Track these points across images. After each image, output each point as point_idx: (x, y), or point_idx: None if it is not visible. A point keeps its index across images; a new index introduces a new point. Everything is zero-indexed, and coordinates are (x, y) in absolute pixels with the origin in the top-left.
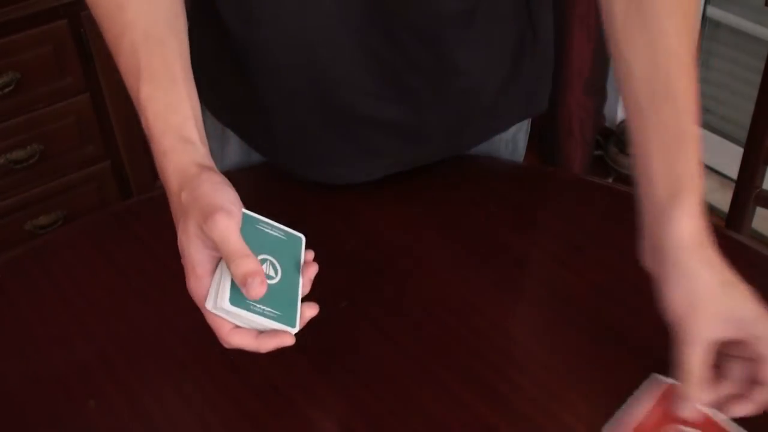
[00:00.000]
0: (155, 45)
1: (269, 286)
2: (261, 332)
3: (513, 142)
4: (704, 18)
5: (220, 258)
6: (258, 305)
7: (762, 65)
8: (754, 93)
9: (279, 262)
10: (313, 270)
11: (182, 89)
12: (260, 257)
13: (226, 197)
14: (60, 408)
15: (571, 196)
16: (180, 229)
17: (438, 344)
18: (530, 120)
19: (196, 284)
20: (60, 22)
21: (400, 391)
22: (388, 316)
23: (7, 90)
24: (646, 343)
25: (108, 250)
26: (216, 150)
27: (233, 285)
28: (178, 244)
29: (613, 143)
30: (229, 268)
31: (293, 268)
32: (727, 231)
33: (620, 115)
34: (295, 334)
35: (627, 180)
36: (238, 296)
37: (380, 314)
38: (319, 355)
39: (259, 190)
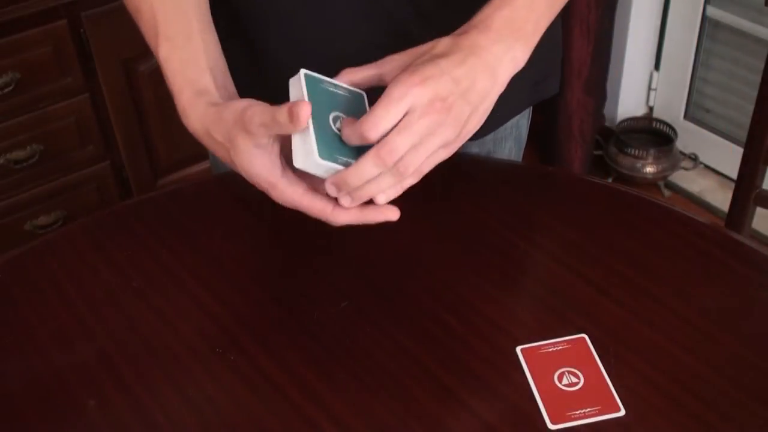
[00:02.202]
0: (171, 4)
1: (344, 142)
2: (364, 206)
3: (517, 127)
4: (704, 18)
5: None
6: (338, 156)
7: (762, 65)
8: (754, 93)
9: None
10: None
11: (198, 43)
12: (332, 115)
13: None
14: (60, 408)
15: (571, 196)
16: (236, 158)
17: (438, 344)
18: (531, 109)
19: (277, 192)
20: (60, 22)
21: (400, 391)
22: (388, 316)
23: (7, 90)
24: (647, 342)
25: (108, 250)
26: None
27: (315, 136)
28: (246, 175)
29: (613, 143)
30: (278, 119)
31: None
32: (727, 231)
33: (620, 115)
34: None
35: (627, 180)
36: (326, 147)
37: (380, 314)
38: (319, 354)
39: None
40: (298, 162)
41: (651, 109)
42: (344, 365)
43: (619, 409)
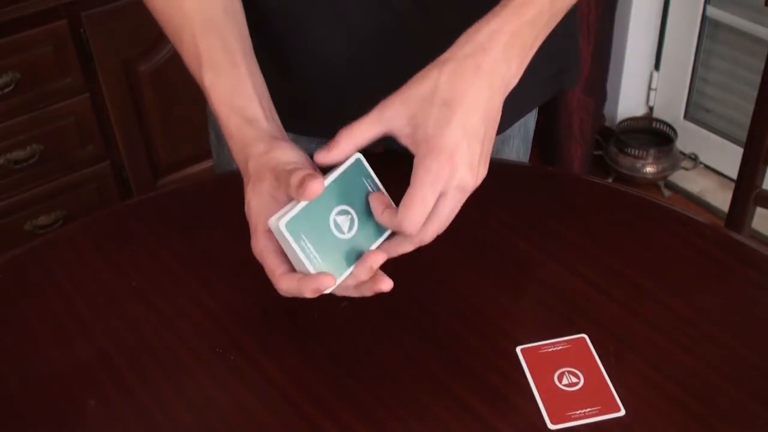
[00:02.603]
0: (213, 32)
1: (332, 236)
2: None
3: (524, 125)
4: (704, 18)
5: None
6: (308, 244)
7: (762, 65)
8: (754, 93)
9: (359, 221)
10: (377, 258)
11: (243, 71)
12: (341, 207)
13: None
14: (60, 408)
15: (571, 196)
16: (250, 193)
17: (438, 344)
18: (537, 107)
19: (256, 241)
20: (60, 22)
21: (401, 392)
22: (389, 316)
23: (7, 90)
24: (647, 342)
25: (108, 250)
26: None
27: (301, 213)
28: (246, 209)
29: (613, 143)
30: (290, 181)
31: (371, 235)
32: (727, 231)
33: (620, 115)
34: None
35: (627, 180)
36: (297, 226)
37: (380, 314)
38: (319, 355)
39: None
40: (272, 219)
41: (651, 109)
42: (344, 365)
43: (619, 409)
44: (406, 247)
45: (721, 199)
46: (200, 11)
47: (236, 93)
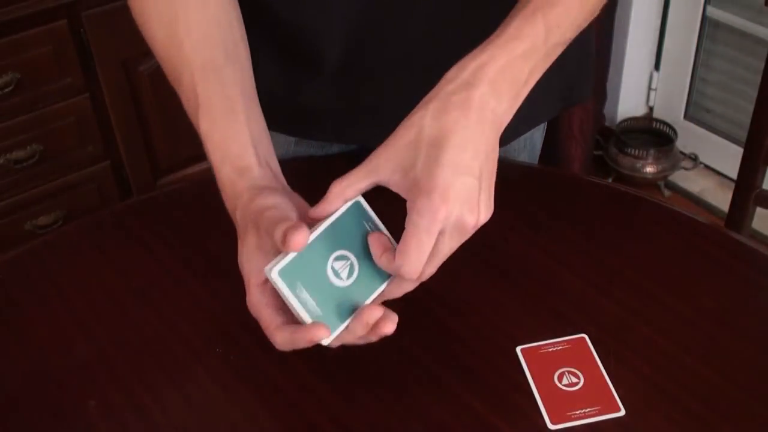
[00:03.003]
0: (212, 76)
1: (330, 284)
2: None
3: (530, 141)
4: (704, 18)
5: None
6: (304, 292)
7: (762, 65)
8: (754, 93)
9: (360, 265)
10: (372, 314)
11: (240, 117)
12: (339, 252)
13: (271, 196)
14: (60, 408)
15: (571, 196)
16: (239, 246)
17: (438, 344)
18: (546, 122)
19: (250, 295)
20: (60, 22)
21: (400, 391)
22: None
23: (7, 90)
24: (647, 342)
25: (108, 250)
26: None
27: (296, 260)
28: (239, 263)
29: (613, 143)
30: (275, 234)
31: (373, 279)
32: (727, 231)
33: (620, 115)
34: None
35: (627, 180)
36: (292, 273)
37: None
38: (319, 355)
39: None
40: (266, 267)
41: (651, 109)
42: (344, 365)
43: (619, 409)
44: (407, 287)
45: (721, 199)
46: (200, 54)
47: (231, 140)
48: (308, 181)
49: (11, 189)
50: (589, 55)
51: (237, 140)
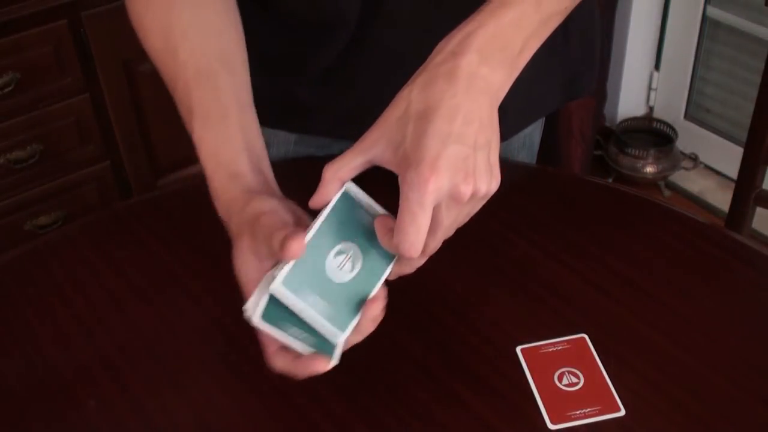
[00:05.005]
0: (207, 82)
1: (332, 282)
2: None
3: (529, 138)
4: (704, 18)
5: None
6: (312, 296)
7: (762, 65)
8: (754, 93)
9: (363, 256)
10: (376, 307)
11: (234, 123)
12: (339, 246)
13: (267, 201)
14: (60, 408)
15: (571, 196)
16: (234, 253)
17: (438, 344)
18: (544, 118)
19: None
20: (60, 22)
21: (400, 392)
22: (388, 315)
23: (7, 90)
24: (647, 342)
25: (108, 250)
26: None
27: (295, 268)
28: (235, 269)
29: (613, 143)
30: (271, 243)
31: (377, 265)
32: (727, 231)
33: (620, 115)
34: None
35: (627, 180)
36: (294, 282)
37: None
38: None
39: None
40: (247, 311)
41: (651, 109)
42: (344, 365)
43: (619, 409)
44: (415, 263)
45: (721, 199)
46: (195, 60)
47: (224, 146)
48: (308, 181)
49: (11, 189)
50: (594, 47)
51: (230, 146)
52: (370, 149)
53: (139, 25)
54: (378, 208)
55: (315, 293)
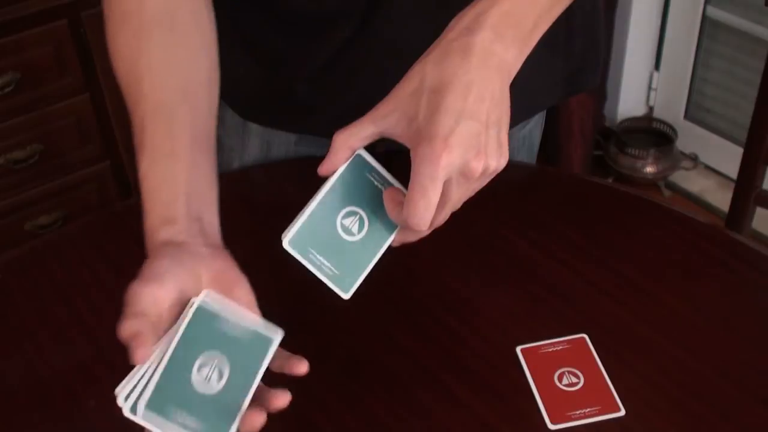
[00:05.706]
0: (162, 117)
1: (343, 242)
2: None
3: (529, 138)
4: (704, 18)
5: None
6: (318, 256)
7: (762, 65)
8: (754, 93)
9: (370, 221)
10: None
11: (181, 163)
12: (348, 209)
13: (161, 267)
14: (60, 408)
15: (571, 196)
16: (138, 282)
17: (438, 344)
18: (544, 117)
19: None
20: (60, 22)
21: (400, 391)
22: (388, 316)
23: (7, 90)
24: (647, 342)
25: (108, 250)
26: (237, 145)
27: (305, 225)
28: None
29: (613, 143)
30: (121, 333)
31: (384, 232)
32: (727, 231)
33: (620, 115)
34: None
35: (627, 180)
36: (301, 241)
37: (380, 314)
38: (319, 355)
39: (277, 185)
40: (120, 399)
41: (651, 109)
42: (344, 365)
43: (619, 409)
44: (420, 233)
45: (721, 199)
46: (156, 93)
47: (164, 186)
48: (308, 181)
49: (11, 189)
50: (597, 43)
51: (169, 187)
52: (382, 121)
53: (111, 43)
54: (390, 178)
55: (321, 254)
